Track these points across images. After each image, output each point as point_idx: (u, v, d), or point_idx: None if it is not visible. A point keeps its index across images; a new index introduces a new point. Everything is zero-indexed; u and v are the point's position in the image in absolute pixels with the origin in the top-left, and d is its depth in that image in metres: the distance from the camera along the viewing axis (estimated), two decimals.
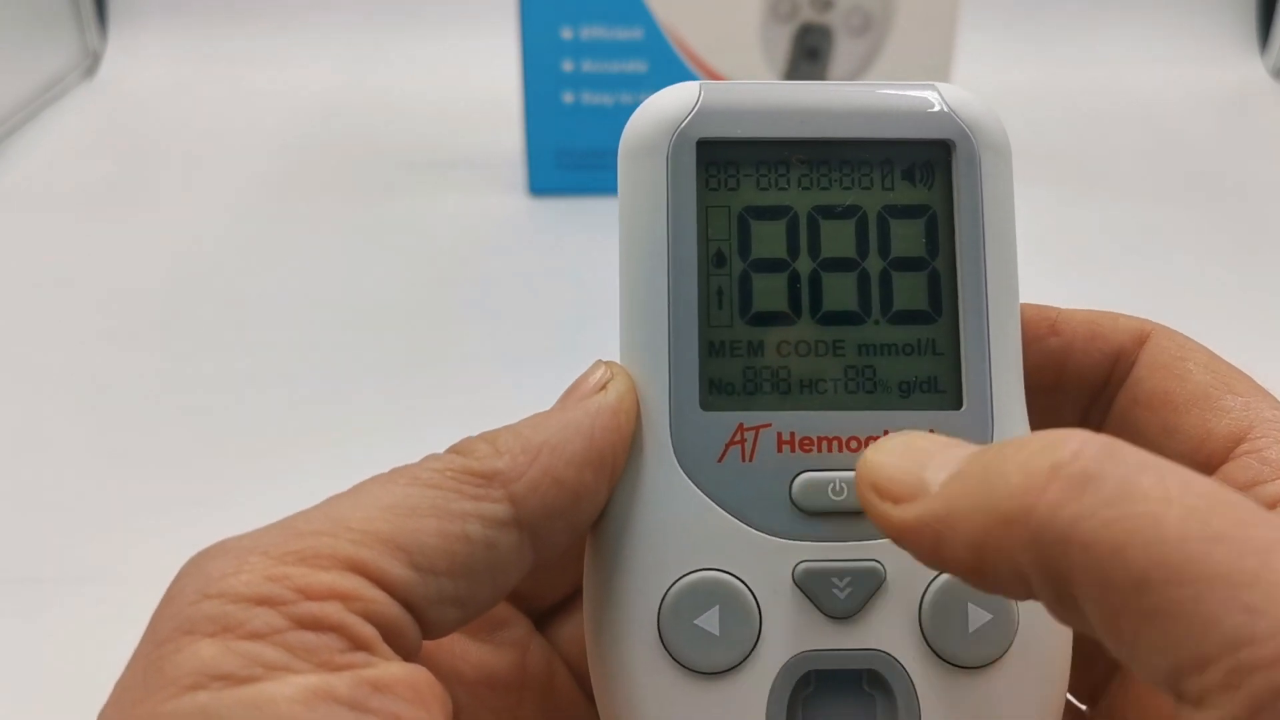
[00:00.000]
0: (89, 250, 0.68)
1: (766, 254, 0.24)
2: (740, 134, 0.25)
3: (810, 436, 0.23)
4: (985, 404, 0.24)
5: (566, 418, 0.23)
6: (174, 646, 0.19)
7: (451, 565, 0.21)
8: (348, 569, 0.20)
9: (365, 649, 0.19)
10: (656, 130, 0.25)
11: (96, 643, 0.19)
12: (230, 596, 0.19)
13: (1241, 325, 0.61)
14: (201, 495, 0.48)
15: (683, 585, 0.23)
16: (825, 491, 0.23)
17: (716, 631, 0.23)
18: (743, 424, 0.24)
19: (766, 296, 0.24)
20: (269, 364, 0.57)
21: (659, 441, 0.24)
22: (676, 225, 0.24)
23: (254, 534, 0.20)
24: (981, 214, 0.24)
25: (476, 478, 0.22)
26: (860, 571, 0.23)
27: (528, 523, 0.22)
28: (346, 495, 0.21)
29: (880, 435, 0.23)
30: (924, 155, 0.25)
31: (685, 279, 0.24)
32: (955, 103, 0.25)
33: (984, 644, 0.23)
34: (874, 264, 0.24)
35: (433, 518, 0.21)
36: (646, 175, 0.25)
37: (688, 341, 0.24)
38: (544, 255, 0.67)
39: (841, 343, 0.24)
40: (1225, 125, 0.86)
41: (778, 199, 0.25)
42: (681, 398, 0.24)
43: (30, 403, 0.55)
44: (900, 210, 0.25)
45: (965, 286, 0.24)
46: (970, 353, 0.24)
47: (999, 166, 0.25)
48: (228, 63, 0.92)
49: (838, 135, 0.25)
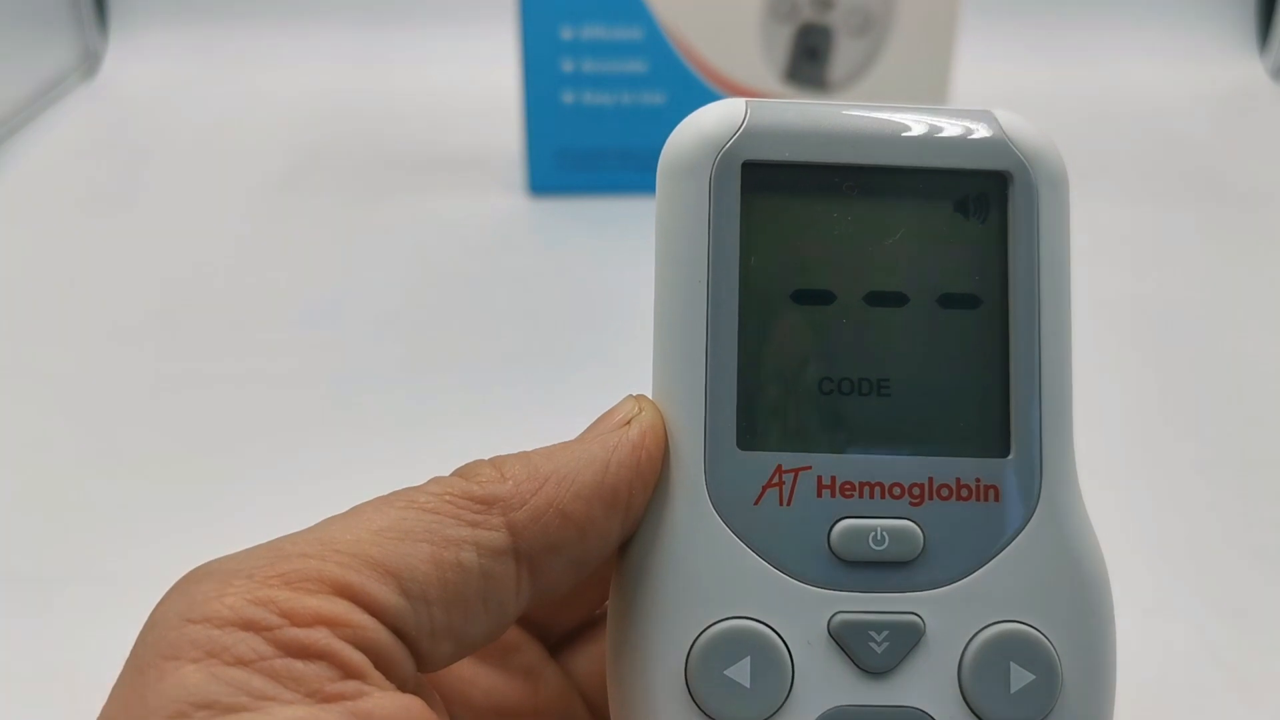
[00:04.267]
0: (89, 250, 0.68)
1: (812, 285, 0.23)
2: (789, 157, 0.23)
3: (852, 481, 0.22)
4: (1034, 451, 0.23)
5: (582, 450, 0.22)
6: (157, 674, 0.18)
7: (444, 594, 0.20)
8: (334, 593, 0.19)
9: (356, 677, 0.19)
10: (700, 150, 0.23)
11: (97, 644, 0.19)
12: (214, 621, 0.18)
13: (1241, 325, 0.61)
14: (202, 495, 0.48)
15: (713, 634, 0.22)
16: (866, 540, 0.22)
17: (747, 684, 0.22)
18: (781, 465, 0.22)
19: (810, 331, 0.23)
20: (269, 364, 0.57)
21: (692, 481, 0.22)
22: (718, 252, 0.23)
23: (239, 556, 0.20)
24: (1037, 250, 0.23)
25: (476, 503, 0.21)
26: (899, 625, 0.22)
27: (526, 553, 0.21)
28: (339, 517, 0.21)
29: (925, 482, 0.22)
30: (979, 187, 0.23)
31: (726, 310, 0.23)
32: (1013, 131, 0.24)
33: (1026, 705, 0.22)
34: (922, 300, 0.23)
35: (426, 543, 0.20)
36: (688, 197, 0.23)
37: (727, 376, 0.23)
38: (544, 255, 0.67)
39: (887, 382, 0.23)
40: (1225, 125, 0.86)
41: (825, 228, 0.23)
42: (718, 435, 0.22)
43: (30, 403, 0.55)
44: (953, 244, 0.23)
45: (1017, 327, 0.23)
46: (1020, 398, 0.23)
47: (1056, 200, 0.23)
48: (228, 63, 0.92)
49: (891, 163, 0.23)
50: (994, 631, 0.22)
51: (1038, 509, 0.23)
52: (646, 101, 0.71)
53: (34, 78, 0.86)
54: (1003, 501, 0.23)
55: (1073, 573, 0.22)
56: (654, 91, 0.71)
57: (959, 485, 0.23)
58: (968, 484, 0.23)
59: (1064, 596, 0.22)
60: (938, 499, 0.23)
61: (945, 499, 0.23)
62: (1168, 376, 0.57)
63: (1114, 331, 0.60)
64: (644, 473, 0.22)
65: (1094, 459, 0.51)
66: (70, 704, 0.38)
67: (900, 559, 0.22)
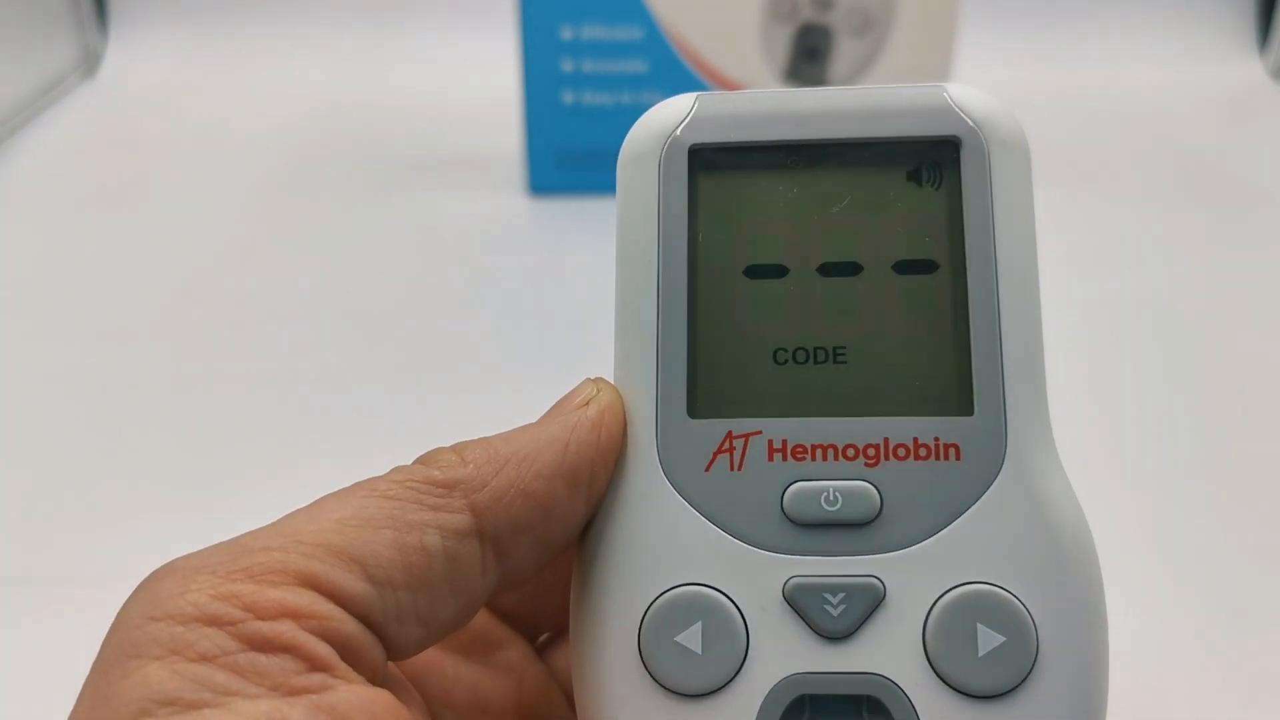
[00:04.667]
0: (89, 250, 0.68)
1: (764, 260, 0.23)
2: (735, 139, 0.24)
3: (804, 444, 0.22)
4: (999, 411, 0.22)
5: (542, 431, 0.22)
6: (120, 672, 0.18)
7: (410, 578, 0.20)
8: (299, 583, 0.19)
9: (322, 670, 0.19)
10: (650, 139, 0.24)
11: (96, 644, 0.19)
12: (177, 618, 0.18)
13: (1242, 325, 0.61)
14: (202, 495, 0.48)
15: (663, 601, 0.22)
16: (818, 501, 0.22)
17: (699, 650, 0.21)
18: (732, 431, 0.22)
19: (764, 304, 0.23)
20: (269, 363, 0.57)
21: (644, 450, 0.22)
22: (667, 231, 0.23)
23: (201, 553, 0.20)
24: (992, 214, 0.23)
25: (437, 487, 0.21)
26: (856, 587, 0.21)
27: (490, 534, 0.21)
28: (301, 510, 0.21)
29: (880, 443, 0.22)
30: (930, 154, 0.24)
31: (675, 285, 0.23)
32: (962, 99, 0.24)
33: (997, 670, 0.21)
34: (877, 268, 0.23)
35: (389, 528, 0.20)
36: (639, 184, 0.24)
37: (677, 347, 0.23)
38: (544, 255, 0.67)
39: (843, 350, 0.23)
40: (1225, 125, 0.86)
41: (775, 205, 0.24)
42: (669, 405, 0.23)
43: (30, 402, 0.55)
44: (906, 212, 0.23)
45: (976, 288, 0.23)
46: (981, 357, 0.22)
47: (1013, 163, 0.24)
48: (228, 62, 0.92)
49: (837, 136, 0.24)
50: (959, 593, 0.21)
51: (1004, 468, 0.22)
52: (646, 101, 0.71)
53: (34, 77, 0.86)
54: (965, 461, 0.22)
55: (1045, 532, 0.21)
56: (654, 91, 0.71)
57: (916, 445, 0.22)
58: (926, 444, 0.22)
59: (1036, 556, 0.21)
60: (894, 459, 0.22)
61: (902, 459, 0.22)
62: (1168, 376, 0.57)
63: (1114, 331, 0.60)
64: (604, 450, 0.22)
65: (1094, 458, 0.52)
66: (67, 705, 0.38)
67: (856, 520, 0.22)
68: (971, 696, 0.21)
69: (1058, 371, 0.61)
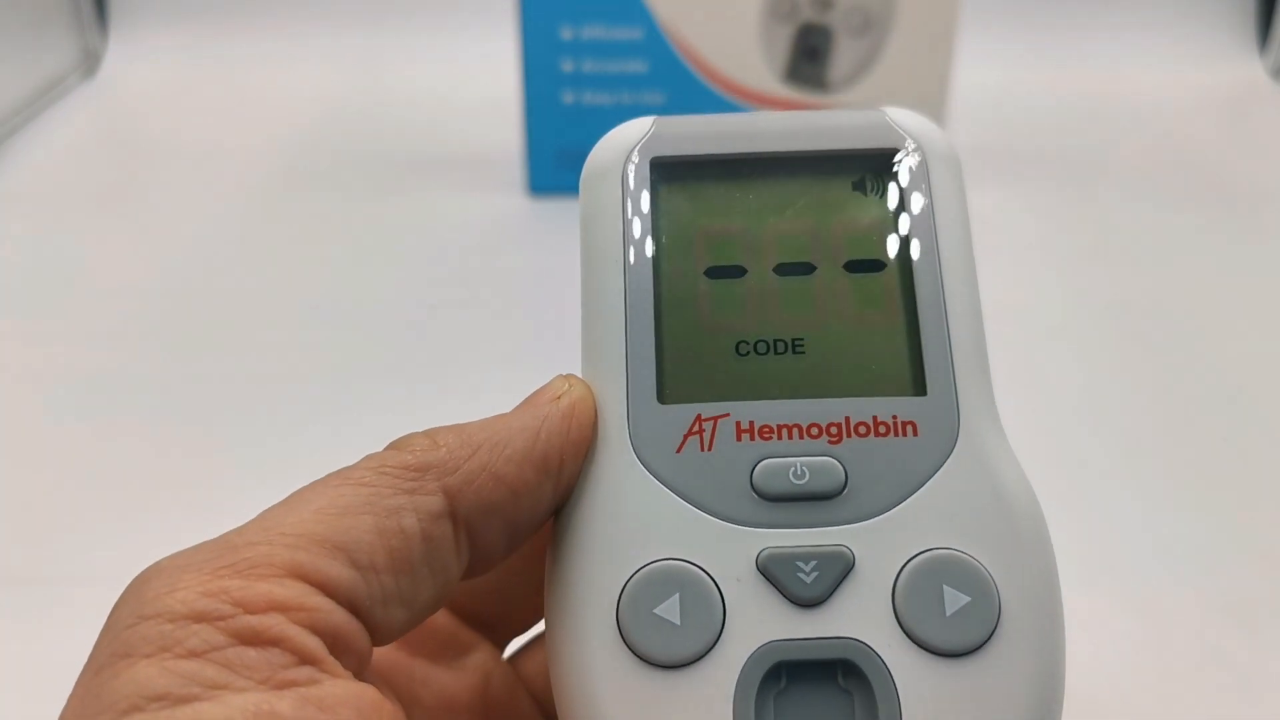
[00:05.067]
0: (89, 250, 0.68)
1: (723, 262, 0.25)
2: (693, 152, 0.26)
3: (770, 424, 0.23)
4: (950, 391, 0.24)
5: (514, 419, 0.23)
6: (111, 671, 0.18)
7: (391, 560, 0.21)
8: (286, 575, 0.19)
9: (311, 663, 0.19)
10: (613, 154, 0.26)
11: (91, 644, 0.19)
12: (166, 616, 0.18)
13: (1242, 325, 0.61)
14: (201, 495, 0.48)
15: (641, 575, 0.22)
16: (786, 475, 0.23)
17: (677, 620, 0.22)
18: (701, 415, 0.23)
19: (725, 301, 0.25)
20: (268, 364, 0.57)
21: (617, 436, 0.23)
22: (632, 237, 0.25)
23: (188, 551, 0.20)
24: (933, 218, 0.25)
25: (411, 471, 0.22)
26: (827, 555, 0.22)
27: (463, 516, 0.22)
28: (280, 504, 0.21)
29: (841, 421, 0.23)
30: (872, 165, 0.26)
31: (642, 286, 0.25)
32: (902, 120, 0.26)
33: (964, 628, 0.22)
34: (829, 267, 0.25)
35: (368, 514, 0.21)
36: (603, 194, 0.26)
37: (645, 341, 0.24)
38: (544, 255, 0.67)
39: (801, 341, 0.24)
40: (1225, 125, 0.86)
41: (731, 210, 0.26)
42: (639, 393, 0.24)
43: (30, 402, 0.55)
44: (853, 217, 0.26)
45: (921, 282, 0.25)
46: (930, 343, 0.24)
47: (947, 173, 0.26)
48: (228, 63, 0.92)
49: (788, 149, 0.26)
50: (924, 557, 0.22)
51: (959, 443, 0.23)
52: (646, 101, 0.71)
53: (34, 78, 0.86)
54: (922, 436, 0.23)
55: (999, 501, 0.23)
56: (654, 91, 0.71)
57: (876, 422, 0.23)
58: (885, 421, 0.23)
59: (992, 523, 0.23)
60: (856, 435, 0.23)
61: (864, 435, 0.23)
62: (1168, 376, 0.57)
63: (1114, 331, 0.60)
64: (574, 440, 0.23)
65: (1095, 457, 0.52)
66: None
67: (823, 493, 0.23)
68: (942, 655, 0.22)
69: (1058, 371, 0.62)
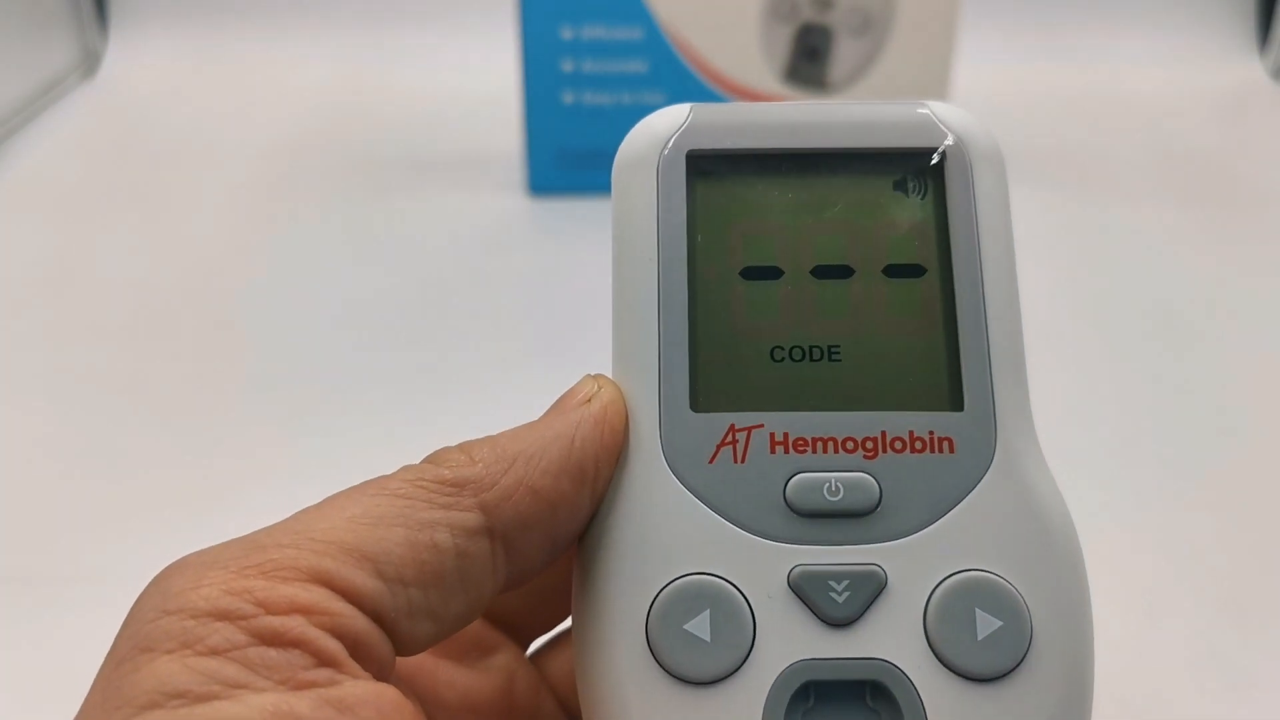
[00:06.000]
0: (89, 250, 0.68)
1: (759, 262, 0.24)
2: (730, 146, 0.25)
3: (805, 437, 0.23)
4: (988, 406, 0.23)
5: (547, 428, 0.22)
6: (132, 665, 0.18)
7: (421, 575, 0.20)
8: (311, 580, 0.19)
9: (331, 665, 0.19)
10: (647, 145, 0.25)
11: (96, 644, 0.19)
12: (189, 612, 0.18)
13: (1242, 325, 0.61)
14: (201, 495, 0.48)
15: (672, 590, 0.22)
16: (821, 492, 0.22)
17: (707, 637, 0.21)
18: (734, 425, 0.23)
19: (760, 303, 0.24)
20: (268, 364, 0.57)
21: (648, 444, 0.23)
22: (666, 233, 0.24)
23: (215, 549, 0.20)
24: (976, 222, 0.24)
25: (447, 486, 0.21)
26: (859, 575, 0.22)
27: (500, 532, 0.21)
28: (313, 508, 0.21)
29: (877, 436, 0.23)
30: (915, 164, 0.25)
31: (675, 285, 0.24)
32: (945, 116, 0.25)
33: (995, 653, 0.21)
34: (867, 271, 0.24)
35: (400, 526, 0.20)
36: (637, 187, 0.25)
37: (678, 345, 0.23)
38: (544, 255, 0.67)
39: (837, 349, 0.24)
40: (1225, 125, 0.86)
41: (770, 210, 0.25)
42: (672, 400, 0.23)
43: (29, 402, 0.55)
44: (894, 220, 0.25)
45: (962, 291, 0.24)
46: (970, 355, 0.23)
47: (992, 175, 0.25)
48: (228, 63, 0.92)
49: (828, 146, 0.25)
50: (957, 579, 0.22)
51: (995, 460, 0.23)
52: (646, 101, 0.71)
53: (34, 78, 0.86)
54: (958, 453, 0.23)
55: (1034, 522, 0.22)
56: (654, 91, 0.71)
57: (913, 438, 0.23)
58: (921, 437, 0.23)
59: (1027, 545, 0.22)
60: (892, 451, 0.23)
61: (899, 451, 0.23)
62: (1167, 375, 0.57)
63: (1114, 330, 0.60)
64: (608, 445, 0.23)
65: (1095, 457, 0.52)
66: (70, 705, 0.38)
67: (857, 510, 0.22)
68: (971, 679, 0.21)
69: (1057, 371, 0.62)
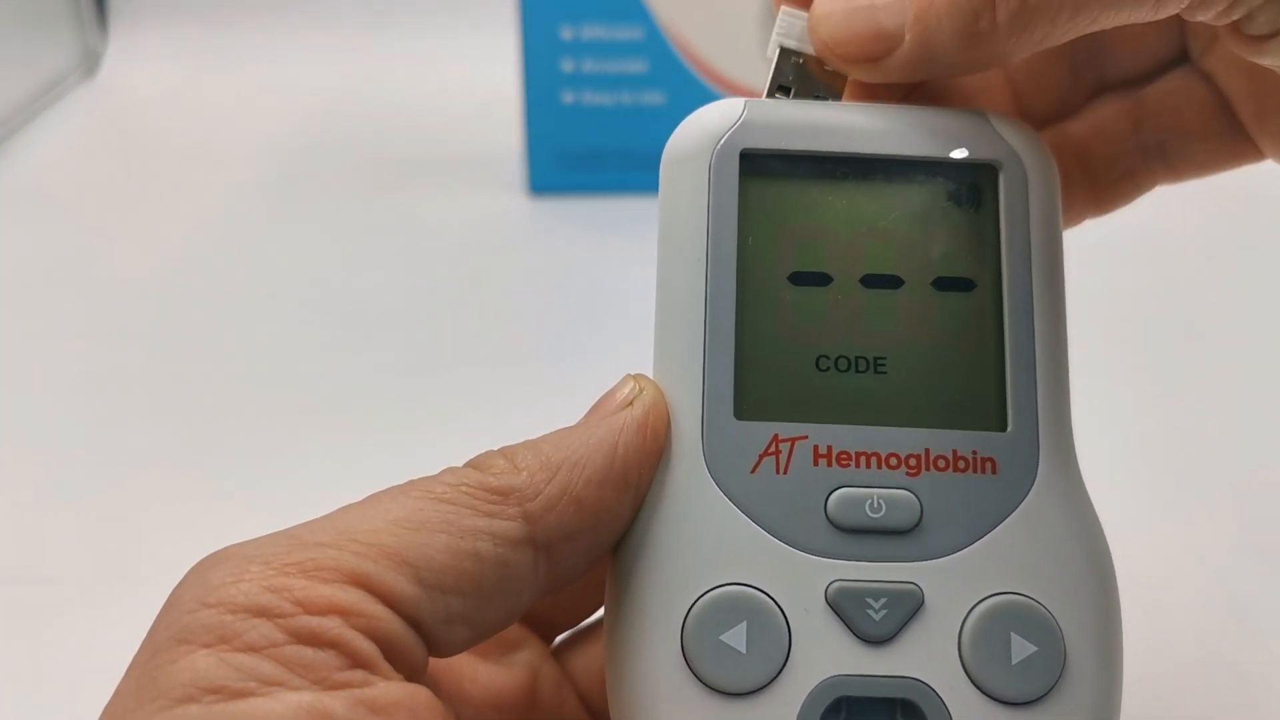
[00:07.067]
0: (88, 250, 0.68)
1: (808, 268, 0.24)
2: (785, 147, 0.24)
3: (848, 451, 0.23)
4: (1032, 427, 0.23)
5: (589, 435, 0.22)
6: (169, 656, 0.18)
7: (460, 582, 0.20)
8: (350, 582, 0.19)
9: (364, 667, 0.19)
10: (700, 141, 0.25)
11: (97, 644, 0.19)
12: (228, 606, 0.19)
13: (1242, 324, 0.61)
14: (202, 495, 0.48)
15: (709, 599, 0.22)
16: (863, 508, 0.22)
17: (743, 649, 0.21)
18: (778, 435, 0.23)
19: (808, 310, 0.24)
20: (269, 364, 0.57)
21: (690, 450, 0.23)
22: (717, 234, 0.24)
23: (257, 542, 0.20)
24: (1029, 237, 0.24)
25: (491, 494, 0.21)
26: (897, 593, 0.22)
27: (543, 542, 0.21)
28: (355, 506, 0.21)
29: (921, 453, 0.23)
30: (971, 176, 0.24)
31: (724, 288, 0.23)
32: (1003, 127, 0.25)
33: (1029, 678, 0.21)
34: (917, 283, 0.24)
35: (443, 533, 0.20)
36: (688, 184, 0.24)
37: (724, 349, 0.23)
38: (544, 255, 0.67)
39: (883, 360, 0.23)
40: None
41: (822, 214, 0.24)
42: (715, 406, 0.23)
43: (30, 402, 0.55)
44: (946, 230, 0.24)
45: (1012, 308, 0.24)
46: (1016, 375, 0.23)
47: (1045, 190, 0.24)
48: (228, 63, 0.92)
49: (884, 153, 0.24)
50: (994, 602, 0.22)
51: (1036, 483, 0.23)
52: (646, 101, 0.71)
53: (34, 78, 0.86)
54: (1001, 474, 0.23)
55: (1073, 546, 0.22)
56: (654, 91, 0.71)
57: (956, 457, 0.23)
58: (965, 456, 0.23)
59: (1065, 570, 0.22)
60: (934, 470, 0.23)
61: (942, 470, 0.23)
62: (1167, 375, 0.57)
63: (1115, 330, 0.60)
64: (650, 452, 0.22)
65: (1096, 457, 0.51)
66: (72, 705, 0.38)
67: (898, 528, 0.22)
68: (1003, 702, 0.21)
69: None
